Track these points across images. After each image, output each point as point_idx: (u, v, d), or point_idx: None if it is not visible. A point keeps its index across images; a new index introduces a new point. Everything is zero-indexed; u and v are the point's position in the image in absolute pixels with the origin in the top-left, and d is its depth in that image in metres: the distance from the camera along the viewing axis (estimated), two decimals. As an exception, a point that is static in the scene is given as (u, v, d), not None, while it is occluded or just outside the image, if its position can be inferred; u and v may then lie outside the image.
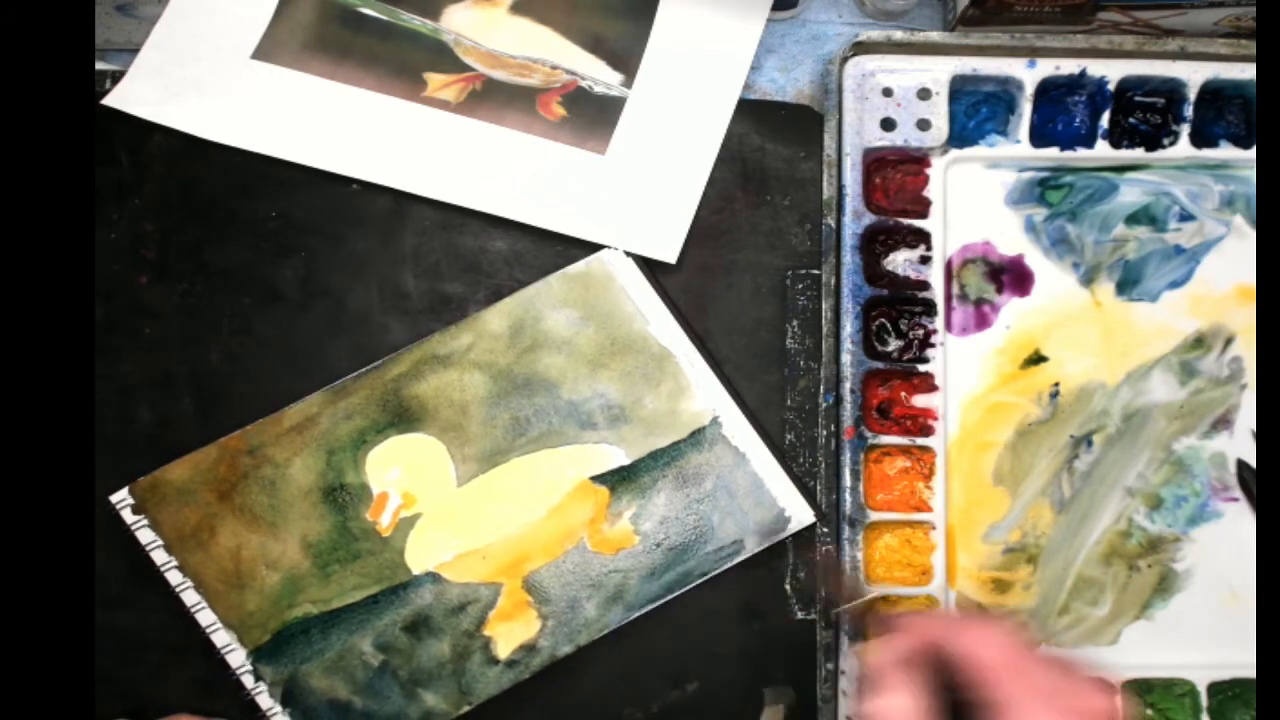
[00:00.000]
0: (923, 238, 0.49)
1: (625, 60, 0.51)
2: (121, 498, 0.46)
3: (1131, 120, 0.50)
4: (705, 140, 0.50)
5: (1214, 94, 0.49)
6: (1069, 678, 0.35)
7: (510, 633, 0.47)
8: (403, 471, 0.47)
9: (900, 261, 0.49)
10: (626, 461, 0.48)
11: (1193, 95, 0.49)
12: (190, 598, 0.46)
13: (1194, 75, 0.49)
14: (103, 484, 0.46)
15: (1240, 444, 0.48)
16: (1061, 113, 0.50)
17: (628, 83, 0.51)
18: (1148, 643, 0.47)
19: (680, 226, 0.49)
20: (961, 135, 0.50)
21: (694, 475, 0.48)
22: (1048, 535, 0.48)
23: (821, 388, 0.48)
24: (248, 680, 0.46)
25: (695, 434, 0.48)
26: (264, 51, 0.50)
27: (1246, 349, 0.49)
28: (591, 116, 0.50)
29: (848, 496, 0.47)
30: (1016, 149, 0.49)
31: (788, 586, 0.48)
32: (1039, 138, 0.49)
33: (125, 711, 0.46)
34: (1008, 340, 0.49)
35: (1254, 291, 0.49)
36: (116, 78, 0.50)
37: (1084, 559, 0.48)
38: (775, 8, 0.50)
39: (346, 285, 0.50)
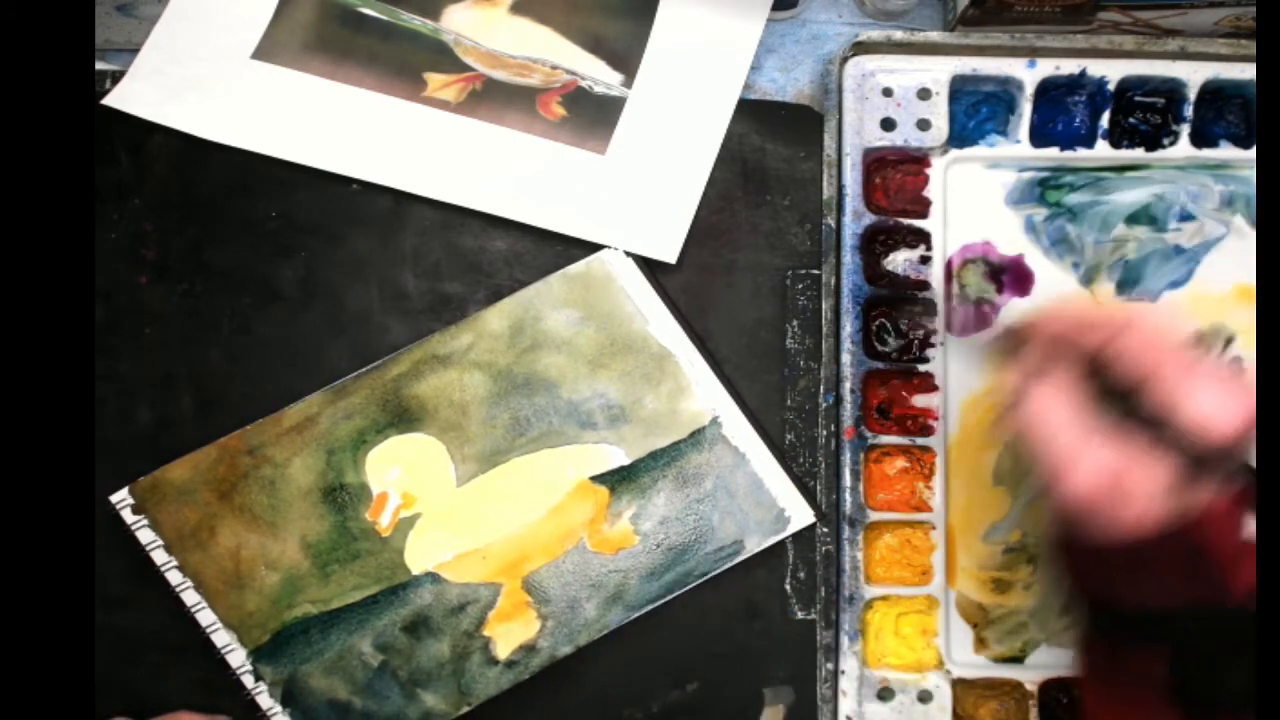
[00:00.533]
0: (923, 238, 0.49)
1: (625, 60, 0.51)
2: (121, 498, 0.46)
3: (1131, 120, 0.50)
4: (705, 140, 0.50)
5: (1214, 94, 0.49)
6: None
7: (510, 633, 0.47)
8: (402, 471, 0.47)
9: (900, 261, 0.49)
10: (626, 461, 0.48)
11: (1193, 95, 0.49)
12: (190, 598, 0.46)
13: (1194, 75, 0.49)
14: (103, 484, 0.46)
15: (1240, 444, 0.48)
16: (1061, 113, 0.50)
17: (628, 83, 0.51)
18: (1148, 643, 0.47)
19: (680, 226, 0.49)
20: (961, 135, 0.50)
21: (694, 475, 0.48)
22: (1048, 535, 0.48)
23: (821, 388, 0.48)
24: (248, 680, 0.46)
25: (695, 434, 0.48)
26: (264, 51, 0.50)
27: (1246, 349, 0.49)
28: (591, 116, 0.50)
29: (848, 496, 0.47)
30: (1016, 149, 0.49)
31: (788, 586, 0.48)
32: (1039, 138, 0.49)
33: (125, 711, 0.46)
34: (1008, 340, 0.49)
35: (1254, 291, 0.49)
36: (116, 78, 0.50)
37: (1084, 559, 0.48)
38: (775, 8, 0.50)
39: (346, 285, 0.50)
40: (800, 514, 0.47)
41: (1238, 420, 0.34)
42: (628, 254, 0.48)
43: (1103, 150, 0.49)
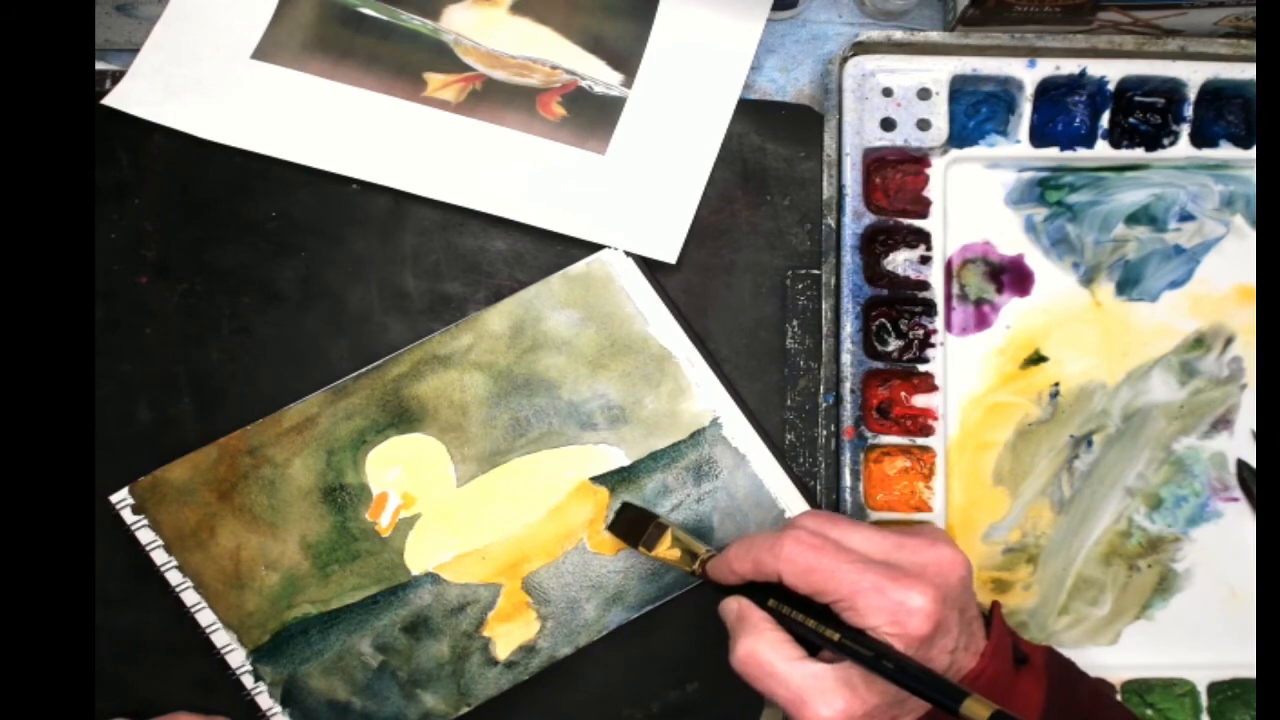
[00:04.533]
0: (923, 238, 0.49)
1: (625, 60, 0.51)
2: (121, 498, 0.46)
3: (1131, 120, 0.50)
4: (705, 140, 0.50)
5: (1214, 94, 0.49)
6: (895, 543, 0.36)
7: (509, 634, 0.47)
8: (402, 472, 0.47)
9: (900, 261, 0.49)
10: (626, 462, 0.48)
11: (1193, 95, 0.49)
12: (190, 598, 0.46)
13: (1194, 75, 0.49)
14: (103, 484, 0.46)
15: (1240, 444, 0.48)
16: (1061, 113, 0.50)
17: (628, 83, 0.51)
18: (1148, 643, 0.47)
19: (680, 226, 0.49)
20: (961, 135, 0.50)
21: (694, 476, 0.48)
22: (1048, 535, 0.48)
23: (821, 388, 0.48)
24: (247, 680, 0.46)
25: (695, 435, 0.48)
26: (264, 51, 0.50)
27: (1246, 349, 0.49)
28: (591, 116, 0.50)
29: (848, 496, 0.47)
30: (1016, 149, 0.49)
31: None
32: (1039, 138, 0.49)
33: (125, 711, 0.46)
34: (1008, 340, 0.49)
35: (1254, 291, 0.49)
36: (116, 78, 0.50)
37: (1084, 559, 0.48)
38: (775, 8, 0.50)
39: (346, 285, 0.50)
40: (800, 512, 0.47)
41: (922, 619, 0.34)
42: (628, 254, 0.48)
43: (1103, 150, 0.49)
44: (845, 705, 0.34)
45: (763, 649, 0.36)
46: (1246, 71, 0.49)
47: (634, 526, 0.44)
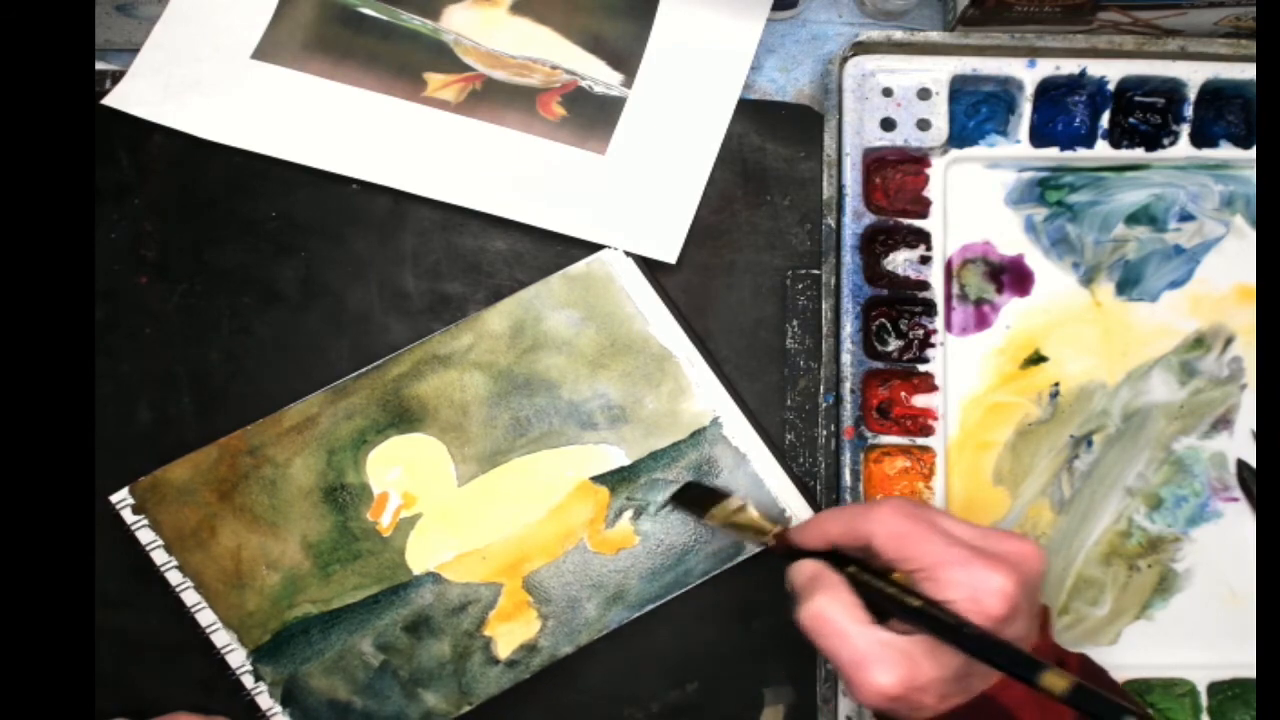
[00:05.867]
0: (923, 238, 0.49)
1: (625, 60, 0.51)
2: (121, 498, 0.46)
3: (1131, 120, 0.50)
4: (705, 140, 0.50)
5: (1214, 94, 0.49)
6: (981, 532, 0.37)
7: (510, 633, 0.47)
8: (403, 471, 0.47)
9: (900, 261, 0.49)
10: (627, 462, 0.48)
11: (1193, 95, 0.49)
12: (190, 598, 0.46)
13: (1194, 75, 0.49)
14: (103, 484, 0.46)
15: (1240, 444, 0.48)
16: (1061, 113, 0.50)
17: (628, 83, 0.51)
18: (1148, 643, 0.47)
19: (680, 226, 0.49)
20: (961, 135, 0.50)
21: (694, 475, 0.47)
22: (1048, 535, 0.48)
23: (821, 388, 0.48)
24: (248, 680, 0.46)
25: (695, 434, 0.48)
26: (264, 51, 0.50)
27: (1246, 349, 0.49)
28: (591, 116, 0.50)
29: (848, 496, 0.47)
30: (1016, 149, 0.49)
31: (788, 586, 0.48)
32: (1039, 138, 0.49)
33: (125, 711, 0.46)
34: (1008, 340, 0.49)
35: (1254, 291, 0.49)
36: (116, 78, 0.50)
37: (1084, 559, 0.48)
38: (775, 8, 0.50)
39: (346, 285, 0.50)
40: (801, 514, 0.47)
41: (1000, 599, 0.34)
42: (628, 254, 0.48)
43: (1103, 150, 0.49)
44: (904, 674, 0.34)
45: (834, 608, 0.36)
46: (1246, 71, 0.49)
47: (700, 500, 0.45)
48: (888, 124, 0.49)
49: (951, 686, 0.35)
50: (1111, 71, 0.49)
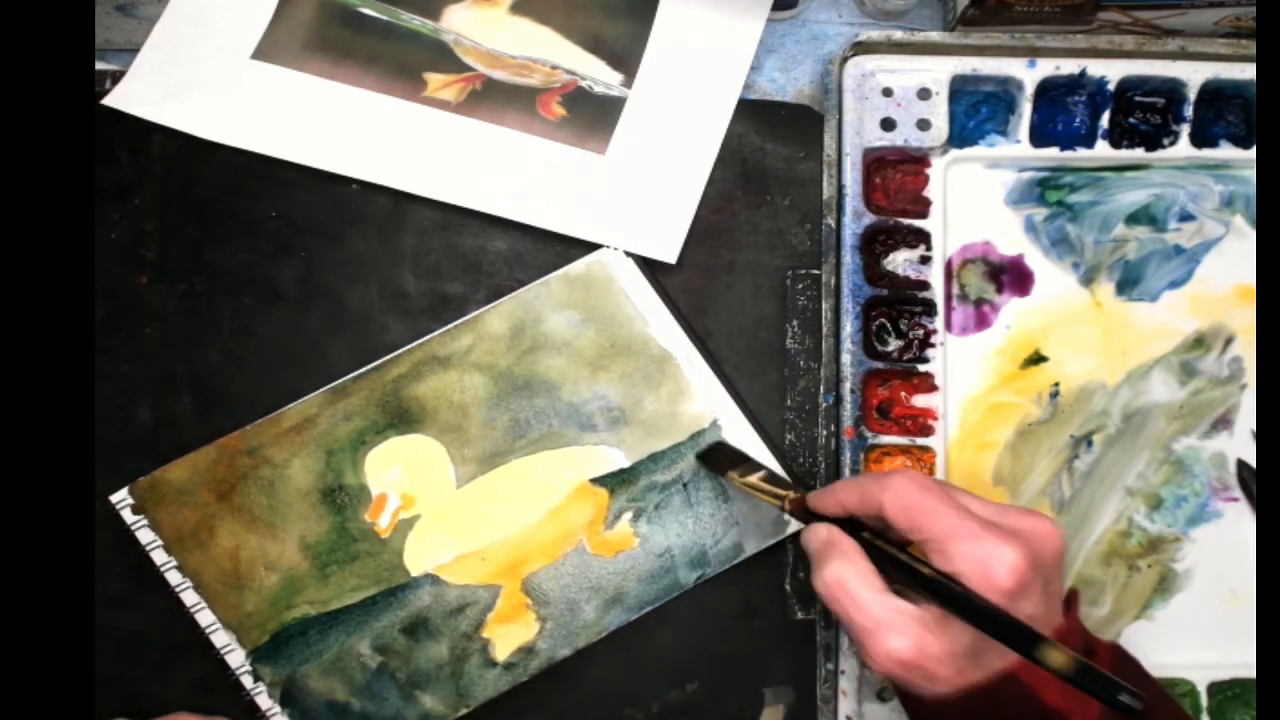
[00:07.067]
0: (923, 238, 0.49)
1: (625, 60, 0.51)
2: (121, 498, 0.46)
3: (1131, 120, 0.50)
4: (705, 140, 0.50)
5: (1214, 94, 0.49)
6: (998, 509, 0.37)
7: (509, 635, 0.47)
8: (402, 473, 0.47)
9: (900, 261, 0.49)
10: (626, 464, 0.48)
11: (1193, 95, 0.49)
12: (189, 598, 0.46)
13: (1194, 75, 0.49)
14: (103, 484, 0.46)
15: (1240, 444, 0.48)
16: (1061, 113, 0.50)
17: (628, 83, 0.50)
18: (1148, 643, 0.47)
19: (680, 226, 0.49)
20: (961, 135, 0.50)
21: (693, 477, 0.48)
22: (1048, 535, 0.48)
23: (821, 388, 0.48)
24: (246, 680, 0.46)
25: (695, 436, 0.48)
26: (264, 51, 0.50)
27: (1246, 349, 0.49)
28: (591, 116, 0.50)
29: (848, 497, 0.47)
30: (1016, 149, 0.49)
31: (788, 586, 0.48)
32: (1039, 138, 0.49)
33: (125, 711, 0.46)
34: (1008, 340, 0.49)
35: (1254, 291, 0.49)
36: (116, 78, 0.50)
37: (1084, 559, 0.48)
38: (775, 8, 0.50)
39: (346, 285, 0.50)
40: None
41: (1009, 573, 0.34)
42: (628, 254, 0.48)
43: (1103, 150, 0.49)
44: (916, 642, 0.34)
45: (850, 574, 0.36)
46: (1246, 71, 0.49)
47: (725, 459, 0.46)
48: (888, 124, 0.49)
49: (965, 661, 0.35)
50: (1111, 71, 0.49)
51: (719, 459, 0.46)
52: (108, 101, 0.49)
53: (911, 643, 0.34)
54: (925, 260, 0.49)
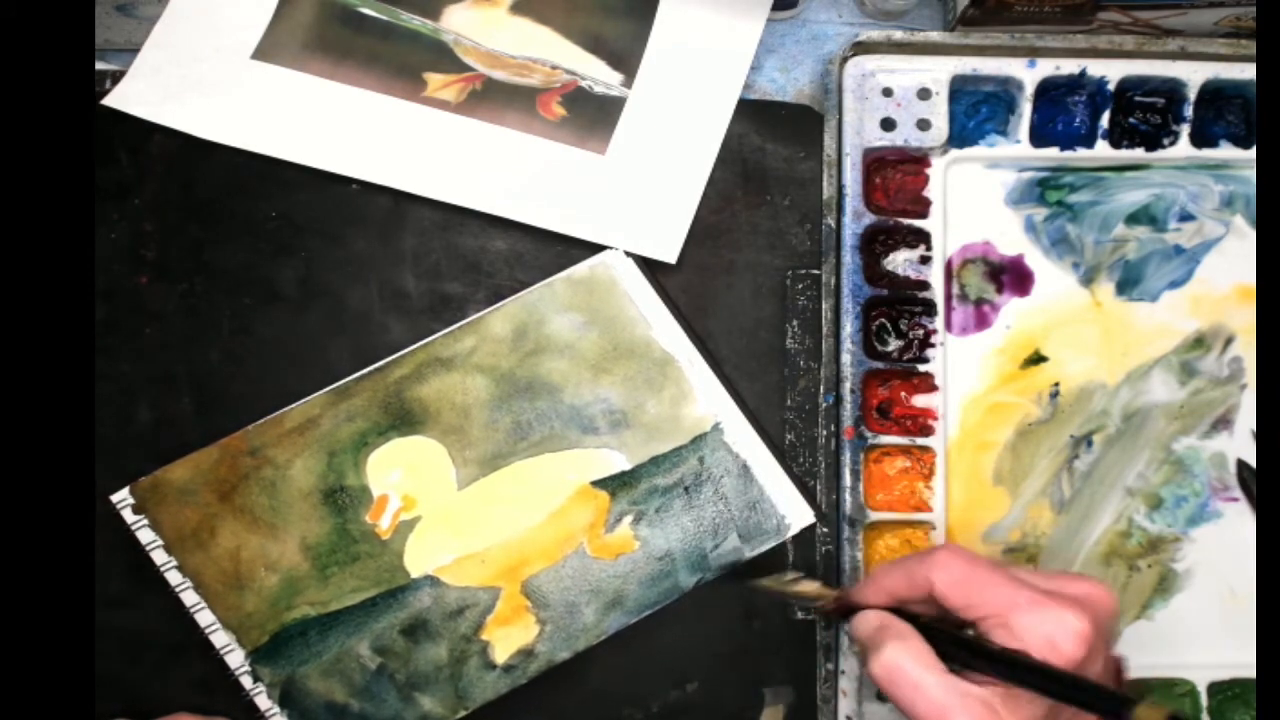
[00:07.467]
0: (923, 238, 0.49)
1: (625, 60, 0.51)
2: (122, 498, 0.46)
3: (1131, 120, 0.50)
4: (705, 140, 0.50)
5: (1214, 94, 0.49)
6: (1048, 577, 0.36)
7: (508, 637, 0.47)
8: (404, 474, 0.47)
9: (900, 261, 0.49)
10: (627, 466, 0.47)
11: (1193, 95, 0.49)
12: (190, 598, 0.46)
13: (1194, 75, 0.49)
14: (103, 484, 0.46)
15: (1240, 444, 0.48)
16: (1061, 113, 0.50)
17: (628, 83, 0.50)
18: (1148, 643, 0.47)
19: (680, 226, 0.49)
20: (961, 135, 0.50)
21: (695, 480, 0.47)
22: (1048, 535, 0.48)
23: (821, 388, 0.48)
24: (246, 681, 0.46)
25: (696, 440, 0.48)
26: (264, 51, 0.50)
27: (1246, 349, 0.49)
28: (591, 116, 0.50)
29: (848, 496, 0.47)
30: (1016, 149, 0.49)
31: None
32: (1039, 138, 0.49)
33: (125, 711, 0.46)
34: (1008, 340, 0.49)
35: (1254, 291, 0.49)
36: (116, 78, 0.50)
37: (1084, 559, 0.48)
38: (775, 8, 0.50)
39: (346, 285, 0.50)
40: (800, 516, 0.47)
41: (1077, 641, 0.33)
42: (629, 255, 0.48)
43: (1103, 150, 0.49)
44: None
45: (908, 657, 0.34)
46: (1246, 71, 0.49)
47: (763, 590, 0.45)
48: (888, 124, 0.49)
49: None
50: (1111, 71, 0.49)
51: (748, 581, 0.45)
52: (108, 101, 0.49)
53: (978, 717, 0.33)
54: (925, 260, 0.49)
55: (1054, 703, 0.33)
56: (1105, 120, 0.49)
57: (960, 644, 0.35)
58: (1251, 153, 0.49)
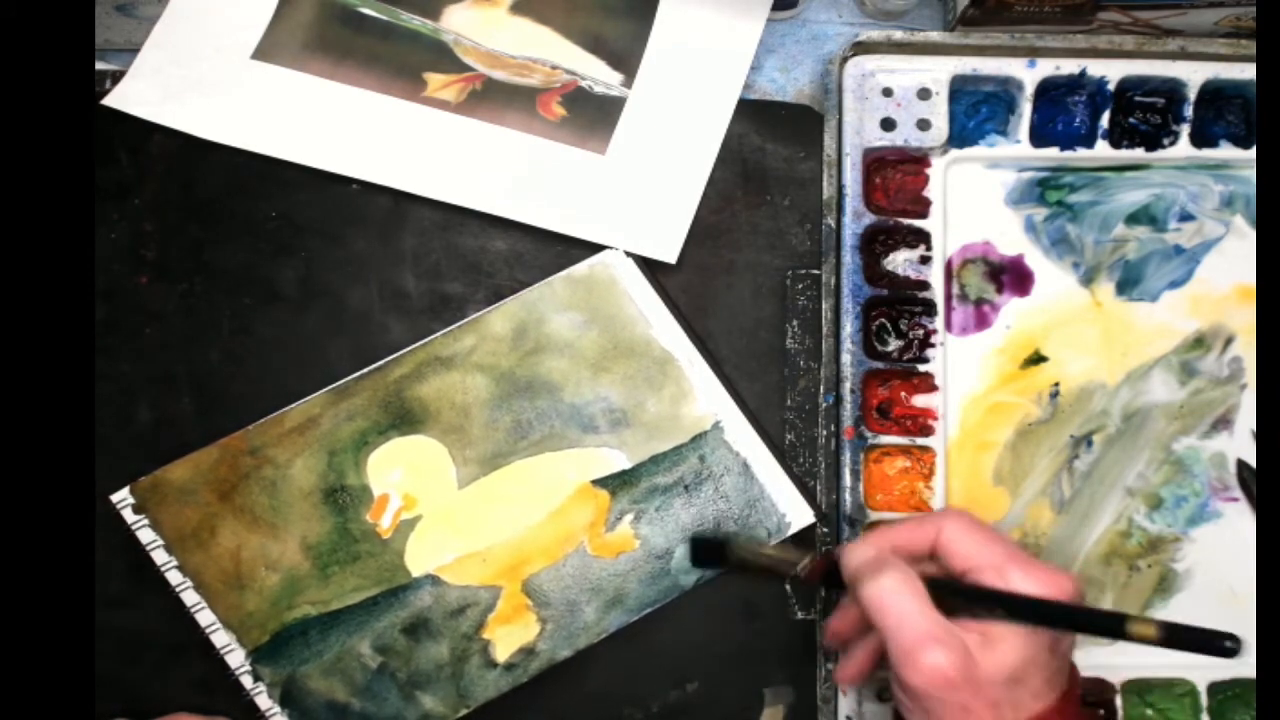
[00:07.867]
0: (923, 238, 0.49)
1: (625, 60, 0.51)
2: (122, 498, 0.46)
3: (1131, 120, 0.50)
4: (705, 140, 0.50)
5: (1214, 94, 0.49)
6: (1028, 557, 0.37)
7: (509, 636, 0.47)
8: (404, 473, 0.47)
9: (900, 261, 0.49)
10: (627, 465, 0.48)
11: (1193, 95, 0.49)
12: (190, 598, 0.46)
13: (1194, 75, 0.49)
14: (103, 484, 0.46)
15: (1240, 444, 0.48)
16: (1061, 113, 0.50)
17: (628, 83, 0.51)
18: (1148, 643, 0.47)
19: (680, 226, 0.49)
20: (961, 135, 0.50)
21: (694, 479, 0.48)
22: (1048, 535, 0.48)
23: (821, 388, 0.48)
24: (247, 681, 0.46)
25: (696, 438, 0.48)
26: (264, 51, 0.50)
27: (1246, 349, 0.49)
28: (591, 116, 0.50)
29: (847, 496, 0.47)
30: (1016, 149, 0.49)
31: (787, 586, 0.48)
32: (1039, 138, 0.49)
33: (125, 711, 0.46)
34: (1008, 340, 0.49)
35: (1254, 291, 0.49)
36: (116, 78, 0.50)
37: (1084, 559, 0.48)
38: (775, 8, 0.50)
39: (346, 285, 0.50)
40: (800, 515, 0.47)
41: (1073, 591, 0.35)
42: (629, 254, 0.48)
43: (1103, 150, 0.49)
44: (962, 661, 0.34)
45: (902, 587, 0.35)
46: (1246, 71, 0.49)
47: (713, 552, 0.41)
48: (888, 124, 0.49)
49: (1002, 692, 0.34)
50: (1111, 71, 0.49)
51: (709, 552, 0.41)
52: (108, 101, 0.49)
53: (958, 659, 0.33)
54: (925, 260, 0.49)
55: (1027, 656, 0.34)
56: (1105, 120, 0.49)
57: (957, 592, 0.36)
58: (1251, 153, 0.49)
